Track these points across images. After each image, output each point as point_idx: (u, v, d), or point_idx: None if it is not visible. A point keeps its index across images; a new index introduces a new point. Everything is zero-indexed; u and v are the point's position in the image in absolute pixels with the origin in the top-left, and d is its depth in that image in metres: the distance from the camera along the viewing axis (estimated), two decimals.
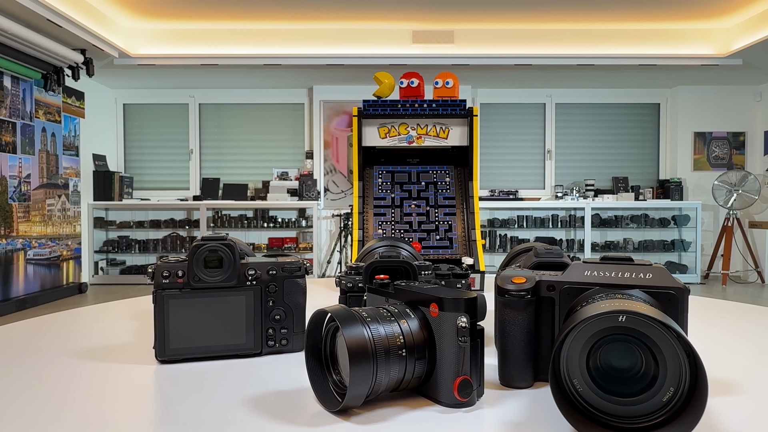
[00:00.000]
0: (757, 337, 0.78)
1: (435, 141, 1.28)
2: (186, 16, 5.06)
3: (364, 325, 0.47)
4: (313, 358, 0.50)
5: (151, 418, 0.49)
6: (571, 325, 0.42)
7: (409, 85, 1.31)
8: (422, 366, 0.49)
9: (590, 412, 0.43)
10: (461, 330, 0.47)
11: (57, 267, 5.17)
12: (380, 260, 0.65)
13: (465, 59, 5.38)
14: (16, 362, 0.65)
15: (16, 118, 4.70)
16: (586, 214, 6.30)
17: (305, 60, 5.42)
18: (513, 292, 0.54)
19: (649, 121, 6.78)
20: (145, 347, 0.66)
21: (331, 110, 6.52)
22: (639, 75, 6.02)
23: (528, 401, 0.51)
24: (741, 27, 5.14)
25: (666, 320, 0.40)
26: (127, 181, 6.38)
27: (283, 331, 0.65)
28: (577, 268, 0.53)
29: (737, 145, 6.61)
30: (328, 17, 5.10)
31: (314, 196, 6.22)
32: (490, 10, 4.92)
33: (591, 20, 5.18)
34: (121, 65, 5.44)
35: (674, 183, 6.44)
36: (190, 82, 6.36)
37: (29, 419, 0.48)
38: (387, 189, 1.28)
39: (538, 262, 0.63)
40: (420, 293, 0.51)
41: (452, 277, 0.71)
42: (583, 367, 0.43)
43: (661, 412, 0.41)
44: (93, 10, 4.68)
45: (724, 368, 0.61)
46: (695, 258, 6.37)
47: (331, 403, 0.48)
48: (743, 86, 6.51)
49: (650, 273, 0.50)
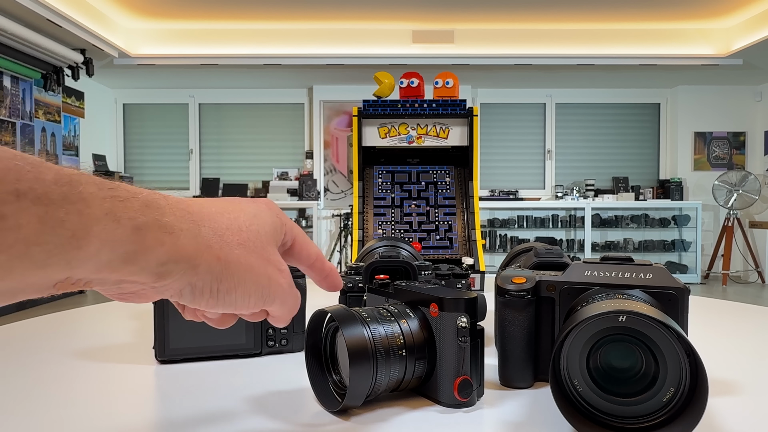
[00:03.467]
0: (757, 337, 0.78)
1: (435, 141, 1.28)
2: (186, 16, 5.06)
3: (364, 325, 0.47)
4: (313, 358, 0.50)
5: (151, 418, 0.49)
6: (571, 325, 0.42)
7: (409, 85, 1.31)
8: (422, 366, 0.49)
9: (590, 412, 0.43)
10: (461, 330, 0.47)
11: None
12: (380, 260, 0.65)
13: (465, 59, 5.38)
14: (16, 362, 0.65)
15: (15, 118, 4.70)
16: (586, 214, 6.30)
17: (305, 60, 5.42)
18: (513, 292, 0.54)
19: (649, 121, 6.78)
20: (145, 347, 0.66)
21: (331, 110, 6.52)
22: (639, 75, 6.02)
23: (528, 401, 0.51)
24: (741, 27, 5.14)
25: (666, 320, 0.40)
26: (127, 180, 6.37)
27: (283, 331, 0.65)
28: (577, 268, 0.53)
29: (737, 145, 6.61)
30: (328, 17, 5.10)
31: (314, 196, 6.22)
32: (490, 10, 4.92)
33: (591, 20, 5.18)
34: (121, 65, 5.44)
35: (674, 183, 6.44)
36: (190, 82, 6.36)
37: (29, 419, 0.48)
38: (387, 189, 1.28)
39: (538, 262, 0.63)
40: (420, 293, 0.51)
41: (452, 277, 0.71)
42: (584, 367, 0.43)
43: (662, 412, 0.41)
44: (93, 10, 4.68)
45: (724, 368, 0.61)
46: (695, 258, 6.37)
47: (331, 403, 0.48)
48: (743, 86, 6.51)
49: (650, 273, 0.50)
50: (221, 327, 0.39)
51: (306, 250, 0.40)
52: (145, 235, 0.28)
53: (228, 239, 0.32)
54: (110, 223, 0.26)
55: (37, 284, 0.26)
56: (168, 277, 0.30)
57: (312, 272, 0.41)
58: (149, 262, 0.29)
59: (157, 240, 0.28)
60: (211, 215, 0.33)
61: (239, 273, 0.33)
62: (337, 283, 0.42)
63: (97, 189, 0.27)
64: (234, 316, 0.38)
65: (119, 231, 0.27)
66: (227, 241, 0.32)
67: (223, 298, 0.33)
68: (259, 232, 0.35)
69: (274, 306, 0.36)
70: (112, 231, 0.26)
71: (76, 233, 0.25)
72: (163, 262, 0.29)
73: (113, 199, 0.27)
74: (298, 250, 0.39)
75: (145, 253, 0.28)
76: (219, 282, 0.32)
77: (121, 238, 0.27)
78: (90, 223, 0.26)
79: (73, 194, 0.25)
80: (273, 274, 0.35)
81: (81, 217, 0.25)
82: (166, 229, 0.29)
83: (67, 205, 0.25)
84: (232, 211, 0.34)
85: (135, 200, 0.28)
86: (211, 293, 0.32)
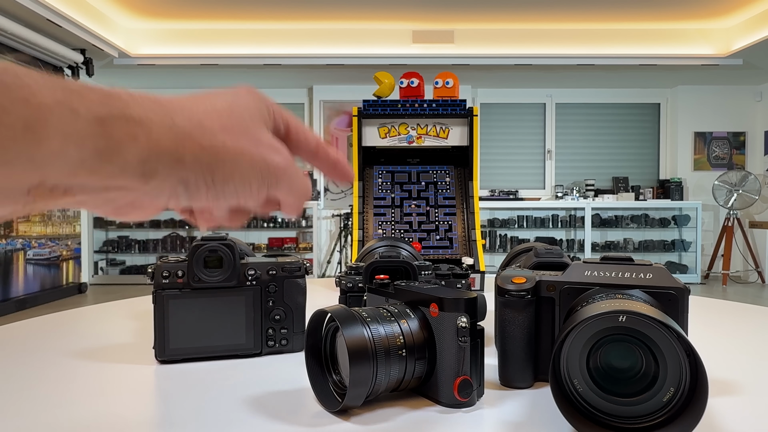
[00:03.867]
0: (757, 337, 0.78)
1: (435, 141, 1.28)
2: (186, 16, 5.06)
3: (364, 325, 0.47)
4: (313, 358, 0.50)
5: (151, 418, 0.49)
6: (571, 325, 0.42)
7: (409, 85, 1.31)
8: (422, 366, 0.49)
9: (590, 412, 0.43)
10: (461, 330, 0.47)
11: (57, 267, 5.17)
12: (380, 260, 0.65)
13: (465, 59, 5.38)
14: (16, 362, 0.65)
15: None
16: (586, 214, 6.29)
17: (305, 60, 5.42)
18: (513, 292, 0.54)
19: (649, 121, 6.77)
20: (145, 347, 0.66)
21: (331, 110, 6.52)
22: (639, 75, 6.02)
23: (528, 401, 0.51)
24: (741, 27, 5.14)
25: (666, 320, 0.40)
26: None
27: (283, 331, 0.65)
28: (577, 268, 0.53)
29: (737, 145, 6.61)
30: (328, 17, 5.10)
31: (314, 196, 6.22)
32: (490, 10, 4.92)
33: (591, 20, 5.18)
34: (121, 65, 5.44)
35: (674, 183, 6.44)
36: (189, 82, 6.35)
37: (29, 419, 0.48)
38: (387, 189, 1.28)
39: (538, 262, 0.63)
40: (420, 293, 0.51)
41: (452, 277, 0.71)
42: (584, 367, 0.43)
43: (662, 412, 0.41)
44: (93, 10, 4.68)
45: (724, 368, 0.61)
46: (695, 258, 6.37)
47: (331, 403, 0.48)
48: (743, 86, 6.50)
49: (650, 273, 0.50)
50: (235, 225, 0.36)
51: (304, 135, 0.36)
52: (112, 128, 0.26)
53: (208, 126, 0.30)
54: (66, 113, 0.24)
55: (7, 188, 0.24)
56: (155, 177, 0.28)
57: (317, 161, 0.37)
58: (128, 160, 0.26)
59: (127, 134, 0.26)
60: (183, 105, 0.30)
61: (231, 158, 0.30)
62: (348, 172, 0.38)
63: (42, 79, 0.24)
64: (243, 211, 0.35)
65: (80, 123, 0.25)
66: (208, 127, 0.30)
67: (221, 188, 0.30)
68: (242, 116, 0.32)
69: (280, 190, 0.33)
70: (71, 122, 0.24)
71: (28, 124, 0.23)
72: (144, 159, 0.27)
73: (64, 89, 0.25)
74: (296, 136, 0.36)
75: (119, 149, 0.26)
76: (212, 172, 0.30)
77: (85, 131, 0.25)
78: (42, 113, 0.23)
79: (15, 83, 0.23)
80: (268, 154, 0.32)
81: (29, 105, 0.23)
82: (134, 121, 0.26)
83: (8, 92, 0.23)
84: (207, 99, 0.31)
85: (90, 92, 0.26)
86: (207, 186, 0.30)
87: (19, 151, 0.23)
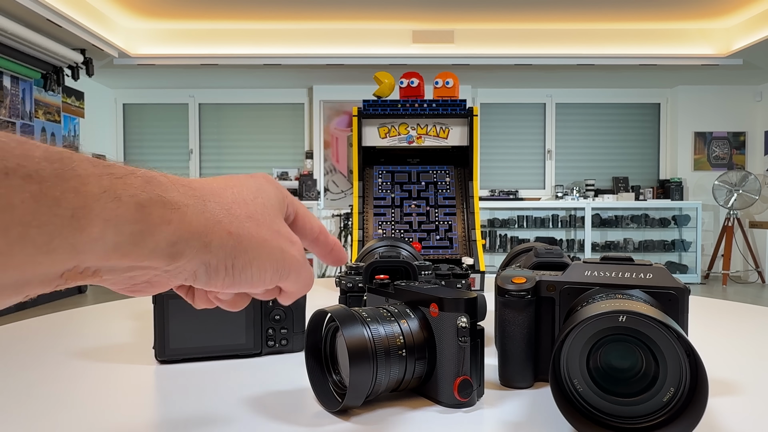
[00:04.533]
0: (757, 337, 0.78)
1: (435, 141, 1.28)
2: (186, 16, 5.06)
3: (364, 325, 0.47)
4: (313, 358, 0.50)
5: (151, 418, 0.49)
6: (571, 325, 0.42)
7: (409, 85, 1.31)
8: (422, 366, 0.49)
9: (590, 412, 0.43)
10: (461, 330, 0.47)
11: None
12: (380, 260, 0.65)
13: (465, 59, 5.38)
14: (16, 362, 0.65)
15: (15, 118, 4.70)
16: (586, 214, 6.30)
17: (305, 60, 5.42)
18: (513, 292, 0.54)
19: (649, 121, 6.78)
20: (145, 347, 0.65)
21: (331, 110, 6.52)
22: (639, 75, 6.02)
23: (528, 401, 0.51)
24: (741, 27, 5.14)
25: (666, 320, 0.40)
26: None
27: (283, 331, 0.65)
28: (577, 268, 0.53)
29: (737, 145, 6.61)
30: (328, 17, 5.10)
31: (314, 196, 6.22)
32: (490, 10, 4.92)
33: (591, 20, 5.18)
34: (121, 65, 5.44)
35: (674, 183, 6.44)
36: (189, 82, 6.36)
37: (29, 419, 0.48)
38: (387, 189, 1.28)
39: (538, 262, 0.63)
40: (420, 293, 0.51)
41: (452, 277, 0.71)
42: (584, 367, 0.43)
43: (662, 413, 0.41)
44: (93, 10, 4.68)
45: (724, 368, 0.61)
46: (695, 258, 6.37)
47: (331, 403, 0.48)
48: (743, 86, 6.51)
49: (650, 273, 0.50)
50: (234, 309, 0.38)
51: (309, 224, 0.38)
52: (149, 213, 0.27)
53: (236, 213, 0.31)
54: (111, 200, 0.25)
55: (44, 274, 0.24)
56: (181, 258, 0.29)
57: (316, 246, 0.40)
58: (159, 243, 0.27)
59: (162, 218, 0.27)
60: (214, 190, 0.31)
61: (253, 247, 0.31)
62: (342, 257, 0.41)
63: (92, 166, 0.25)
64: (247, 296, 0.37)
65: (122, 209, 0.25)
66: (236, 214, 0.31)
67: (239, 275, 0.31)
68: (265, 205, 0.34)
69: (288, 281, 0.35)
70: (114, 209, 0.25)
71: (75, 213, 0.24)
72: (174, 241, 0.28)
73: (110, 176, 0.26)
74: (301, 224, 0.38)
75: (153, 232, 0.27)
76: (234, 258, 0.31)
77: (125, 217, 0.26)
78: (89, 202, 0.24)
79: (66, 171, 0.24)
80: (285, 246, 0.34)
81: (78, 195, 0.24)
82: (170, 206, 0.28)
83: (61, 182, 0.23)
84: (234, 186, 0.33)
85: (133, 177, 0.27)
86: (227, 271, 0.31)
87: (64, 239, 0.24)
